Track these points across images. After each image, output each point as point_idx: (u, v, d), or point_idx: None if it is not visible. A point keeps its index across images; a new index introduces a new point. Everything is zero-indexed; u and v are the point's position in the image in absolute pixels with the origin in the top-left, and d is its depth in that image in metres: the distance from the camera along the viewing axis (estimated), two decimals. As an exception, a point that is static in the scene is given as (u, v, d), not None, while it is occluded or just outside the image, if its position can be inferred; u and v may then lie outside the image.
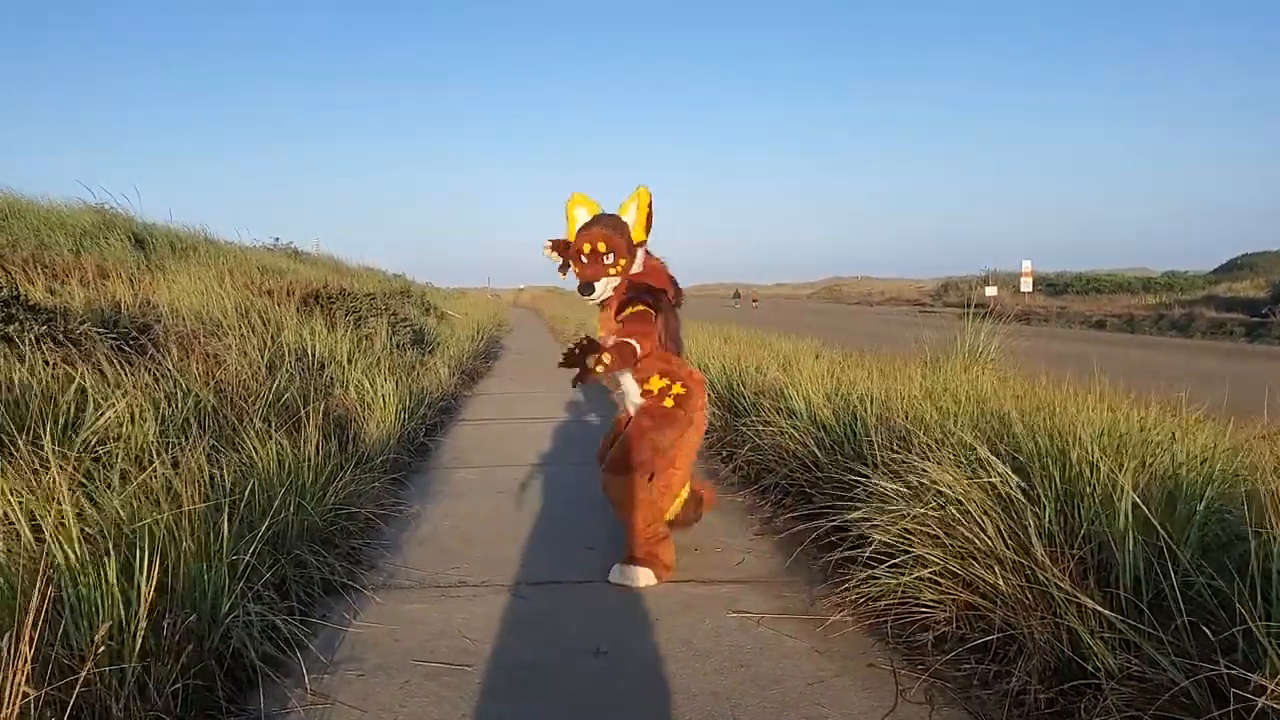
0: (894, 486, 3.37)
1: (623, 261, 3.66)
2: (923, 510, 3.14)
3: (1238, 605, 2.14)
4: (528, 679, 2.81)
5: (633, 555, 3.71)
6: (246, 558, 2.95)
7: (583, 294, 3.69)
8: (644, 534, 3.72)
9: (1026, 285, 38.80)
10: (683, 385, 3.80)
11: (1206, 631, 2.18)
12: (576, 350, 3.38)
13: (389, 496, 4.94)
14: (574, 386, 3.51)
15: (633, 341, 3.55)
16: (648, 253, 3.83)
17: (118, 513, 2.78)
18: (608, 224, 3.68)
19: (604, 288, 3.68)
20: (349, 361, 7.41)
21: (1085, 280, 51.14)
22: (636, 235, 3.72)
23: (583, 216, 3.75)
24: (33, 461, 2.84)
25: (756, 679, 2.77)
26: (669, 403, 3.77)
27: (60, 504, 2.49)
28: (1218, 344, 20.51)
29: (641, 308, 3.66)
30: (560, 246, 3.94)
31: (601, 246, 3.63)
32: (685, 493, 4.07)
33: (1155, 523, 2.47)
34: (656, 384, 3.79)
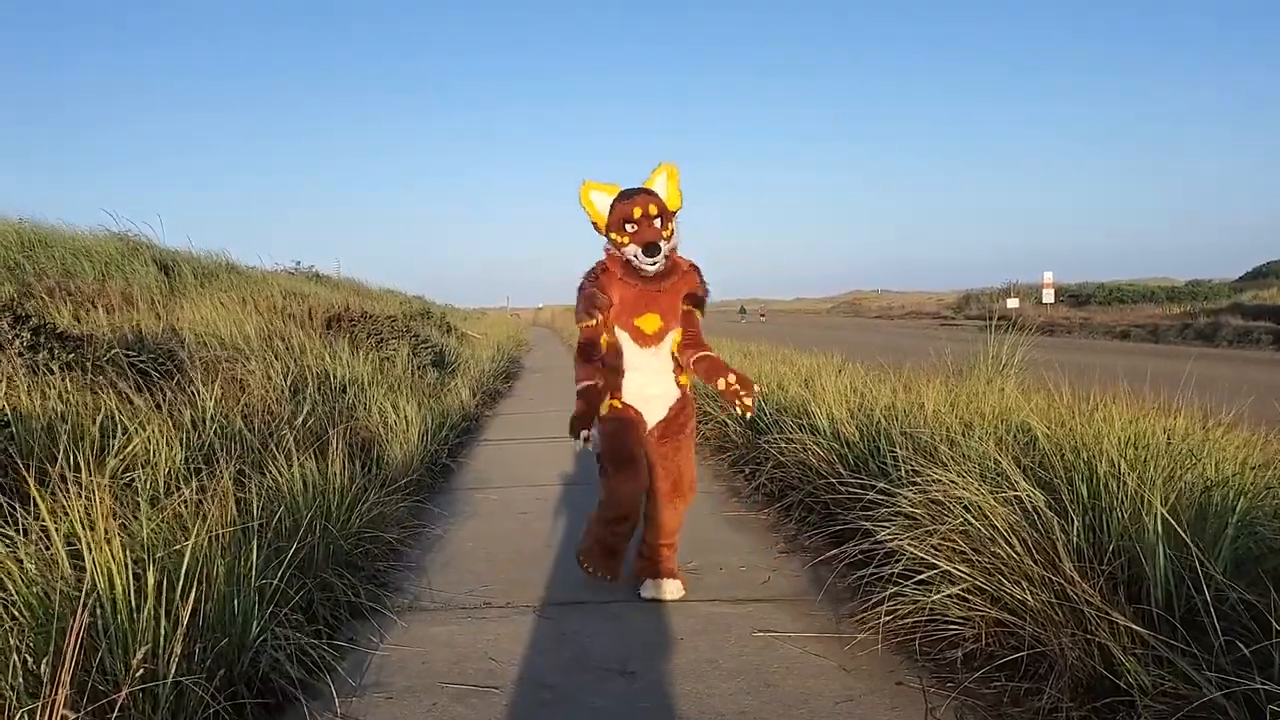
0: (919, 500, 3.36)
1: (670, 225, 3.53)
2: (949, 527, 3.13)
3: (1273, 620, 2.12)
4: (555, 700, 2.81)
5: (668, 569, 3.74)
6: (275, 581, 2.97)
7: (648, 256, 3.44)
8: (674, 547, 3.78)
9: (1048, 296, 38.57)
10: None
11: (1241, 647, 2.16)
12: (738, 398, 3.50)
13: (413, 519, 4.97)
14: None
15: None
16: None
17: (150, 538, 2.80)
18: (646, 191, 3.54)
19: (663, 250, 3.50)
20: (371, 384, 7.45)
21: (1108, 290, 50.73)
22: (672, 203, 3.57)
23: (601, 200, 3.57)
24: (67, 488, 2.86)
25: (784, 699, 2.75)
26: (691, 422, 3.76)
27: (104, 531, 2.52)
28: (1245, 353, 20.32)
29: (700, 314, 3.68)
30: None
31: (653, 209, 3.46)
32: None
33: (1186, 537, 2.45)
34: (687, 379, 3.77)
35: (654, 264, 3.48)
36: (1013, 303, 39.42)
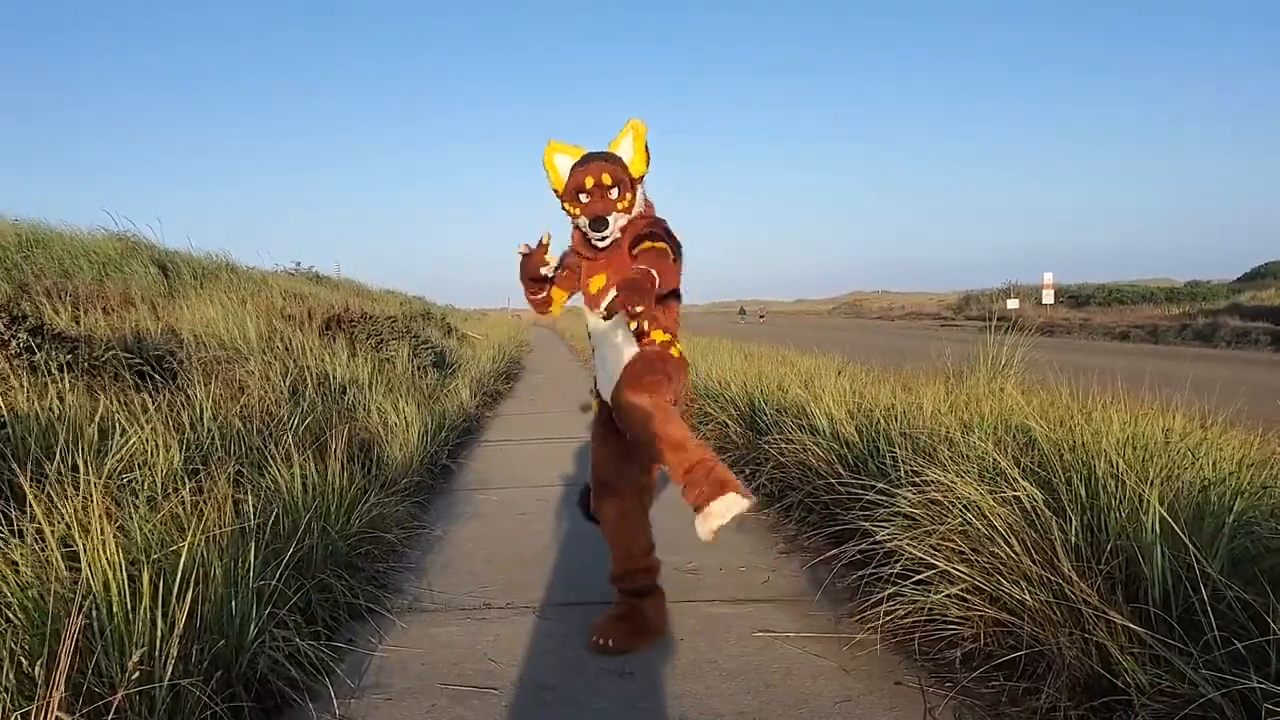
0: (918, 500, 3.36)
1: (628, 196, 3.19)
2: (948, 527, 3.13)
3: (1269, 619, 2.12)
4: (554, 701, 2.80)
5: (705, 492, 2.91)
6: (273, 583, 2.97)
7: (595, 230, 3.16)
8: (694, 460, 2.95)
9: (1048, 297, 38.60)
10: (680, 353, 3.32)
11: (1238, 645, 2.16)
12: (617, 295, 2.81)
13: (412, 520, 4.97)
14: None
15: (653, 272, 2.94)
16: (647, 199, 3.35)
17: (147, 540, 2.80)
18: (605, 157, 3.20)
19: (615, 224, 3.18)
20: (371, 385, 7.45)
21: (1108, 291, 50.79)
22: (636, 168, 3.23)
23: (565, 163, 3.24)
24: (64, 490, 2.86)
25: (783, 699, 2.75)
26: (676, 351, 3.29)
27: (100, 533, 2.52)
28: (1243, 353, 20.34)
29: (662, 245, 3.14)
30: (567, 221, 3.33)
31: (606, 179, 3.13)
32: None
33: (1183, 536, 2.45)
34: (659, 337, 3.28)
35: (601, 239, 3.21)
36: (1013, 304, 39.50)
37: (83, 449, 3.30)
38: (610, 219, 3.16)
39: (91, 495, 2.71)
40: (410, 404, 6.91)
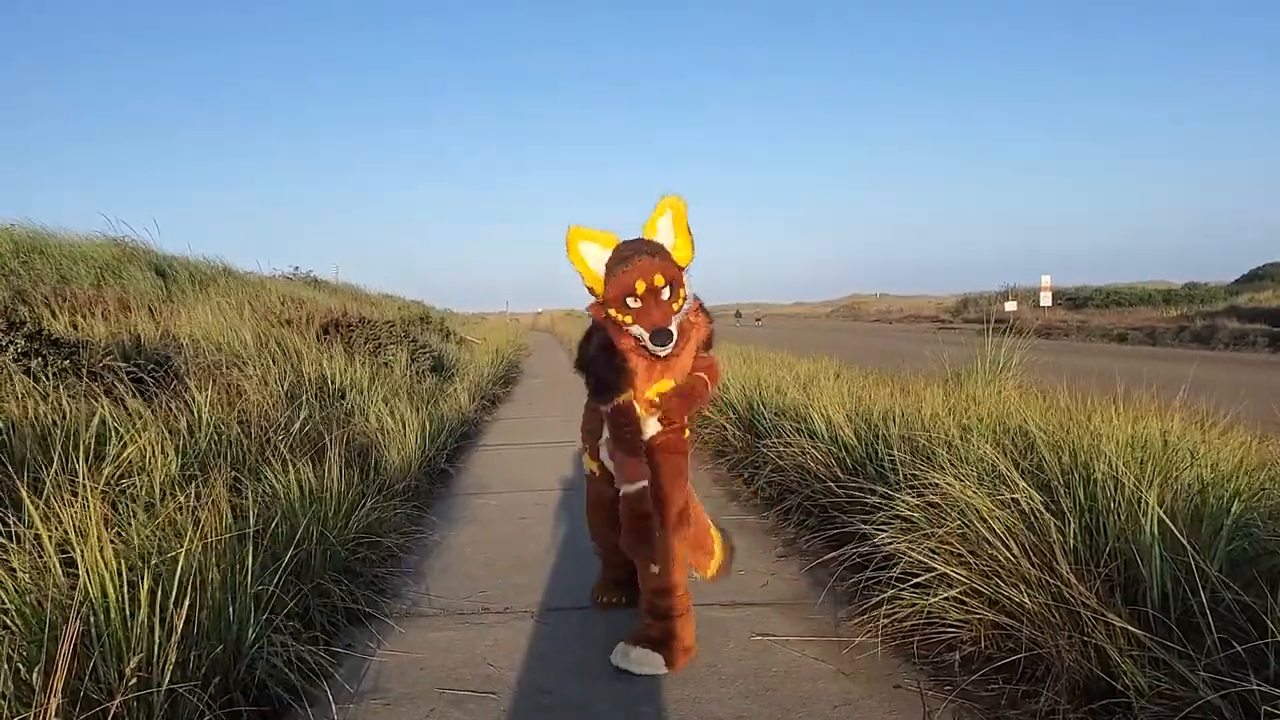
0: (917, 503, 3.36)
1: (681, 292, 2.89)
2: (947, 530, 3.13)
3: (1268, 621, 2.12)
4: (552, 705, 2.80)
5: (648, 634, 3.05)
6: (271, 588, 2.97)
7: (658, 344, 2.82)
8: (671, 603, 3.04)
9: (1046, 300, 38.59)
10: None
11: (1237, 648, 2.16)
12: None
13: (411, 524, 4.95)
14: None
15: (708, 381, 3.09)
16: None
17: (145, 546, 2.80)
18: (654, 252, 2.85)
19: (676, 334, 2.85)
20: (369, 389, 7.43)
21: (1105, 294, 50.84)
22: (682, 256, 2.92)
23: (596, 253, 2.89)
24: (61, 496, 2.86)
25: (782, 703, 2.75)
26: (686, 432, 3.18)
27: (98, 539, 2.51)
28: (1241, 355, 20.36)
29: (714, 357, 3.16)
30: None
31: (659, 280, 2.81)
32: (719, 540, 3.46)
33: (1182, 538, 2.45)
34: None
35: (665, 351, 2.86)
36: (1010, 306, 39.52)
37: (80, 455, 3.29)
38: (673, 328, 2.84)
39: (89, 501, 2.70)
40: (408, 408, 6.90)
